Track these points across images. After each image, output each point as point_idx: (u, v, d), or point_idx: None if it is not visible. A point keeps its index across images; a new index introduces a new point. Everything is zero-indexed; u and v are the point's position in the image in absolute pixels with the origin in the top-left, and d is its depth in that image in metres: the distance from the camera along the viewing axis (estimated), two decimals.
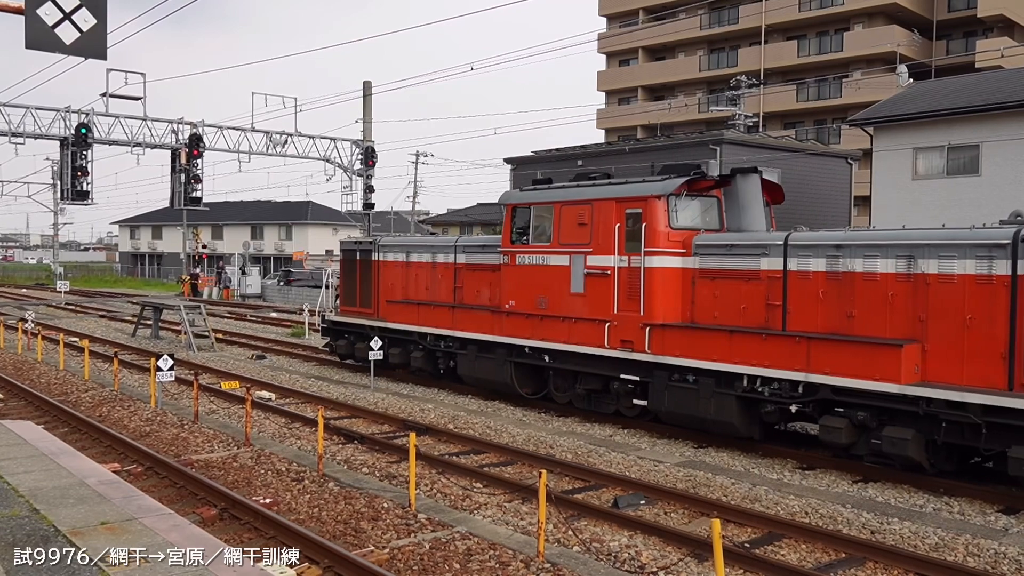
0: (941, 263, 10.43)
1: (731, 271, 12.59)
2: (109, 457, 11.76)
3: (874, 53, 50.08)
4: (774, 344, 11.59)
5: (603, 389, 14.40)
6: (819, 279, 11.60)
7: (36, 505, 7.44)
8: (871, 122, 27.41)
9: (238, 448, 12.29)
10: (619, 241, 13.52)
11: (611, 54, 64.42)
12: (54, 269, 70.31)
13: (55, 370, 20.08)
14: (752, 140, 33.20)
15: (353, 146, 35.07)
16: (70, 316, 35.95)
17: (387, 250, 19.18)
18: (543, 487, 7.77)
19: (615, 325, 13.58)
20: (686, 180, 13.18)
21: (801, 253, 11.82)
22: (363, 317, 19.31)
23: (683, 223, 13.21)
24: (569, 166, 35.51)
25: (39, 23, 8.60)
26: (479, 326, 16.11)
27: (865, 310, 11.11)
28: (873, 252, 11.11)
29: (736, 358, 11.93)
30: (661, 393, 13.02)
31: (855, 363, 10.72)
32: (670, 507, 9.85)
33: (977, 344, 10.10)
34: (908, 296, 10.73)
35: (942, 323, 10.39)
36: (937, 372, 10.39)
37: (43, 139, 29.10)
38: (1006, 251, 9.90)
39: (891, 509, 9.75)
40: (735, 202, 13.57)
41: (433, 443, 12.97)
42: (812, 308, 11.67)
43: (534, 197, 15.22)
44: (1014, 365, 9.75)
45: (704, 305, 12.90)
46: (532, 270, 15.03)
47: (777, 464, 11.78)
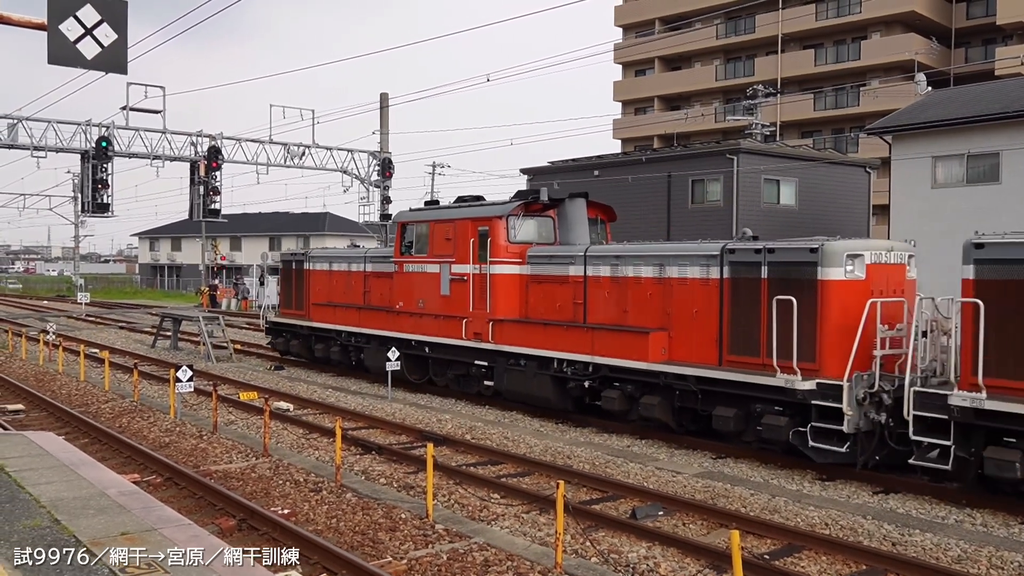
0: (679, 269, 13.52)
1: (551, 276, 15.83)
2: (129, 468, 11.85)
3: (892, 61, 49.90)
4: (574, 334, 14.80)
5: (466, 374, 17.43)
6: (606, 283, 14.76)
7: (57, 516, 7.50)
8: (889, 130, 27.28)
9: (256, 459, 12.34)
10: (473, 253, 16.71)
11: (627, 64, 64.52)
12: (75, 281, 70.84)
13: (76, 381, 20.25)
14: (769, 149, 33.09)
15: (370, 157, 35.28)
16: (90, 327, 36.28)
17: (315, 261, 22.71)
18: (561, 498, 7.75)
19: (470, 321, 16.79)
20: (522, 203, 16.42)
21: (595, 262, 14.94)
22: (297, 318, 22.95)
23: (520, 238, 16.40)
24: (585, 176, 35.54)
25: (61, 39, 8.71)
26: (379, 324, 19.38)
27: (634, 307, 14.20)
28: (639, 262, 14.24)
29: (550, 345, 15.14)
30: (503, 375, 16.25)
31: (623, 347, 13.90)
32: (688, 518, 9.80)
33: (701, 331, 13.07)
34: (660, 295, 13.78)
35: (681, 316, 13.43)
36: (679, 353, 13.39)
37: (64, 152, 29.45)
38: (717, 260, 12.86)
39: (913, 520, 9.65)
40: (565, 221, 16.64)
41: (451, 454, 12.97)
42: (603, 305, 14.81)
43: (417, 216, 18.54)
44: (722, 346, 12.72)
45: (534, 304, 16.13)
46: (415, 276, 18.36)
47: (796, 475, 11.70)
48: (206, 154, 30.80)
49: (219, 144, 31.24)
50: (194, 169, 31.14)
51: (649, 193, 33.10)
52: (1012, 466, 9.57)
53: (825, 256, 11.57)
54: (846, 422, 10.90)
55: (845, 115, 52.99)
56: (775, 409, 11.88)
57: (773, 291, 11.91)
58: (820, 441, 11.25)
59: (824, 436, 11.23)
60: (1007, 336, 9.63)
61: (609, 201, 18.42)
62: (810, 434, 11.33)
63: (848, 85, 51.86)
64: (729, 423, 12.37)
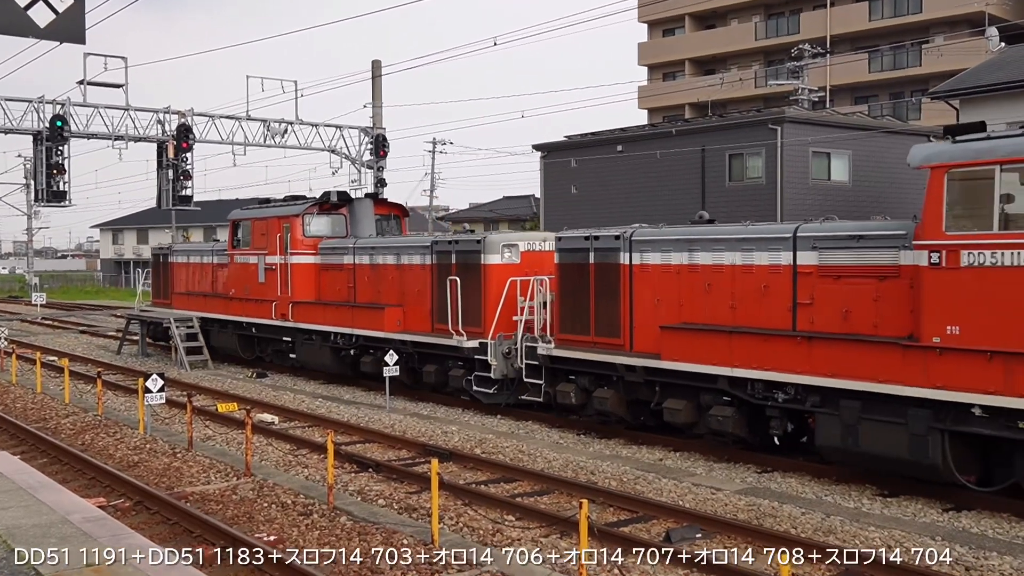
0: (408, 258, 19.24)
1: (334, 265, 21.50)
2: (94, 491, 11.93)
3: (958, 14, 49.51)
4: (343, 312, 20.55)
5: (281, 350, 23.13)
6: (367, 269, 20.39)
7: (14, 545, 7.56)
8: (956, 94, 27.12)
9: (238, 479, 12.41)
10: (280, 245, 22.24)
11: (653, 23, 64.32)
12: (28, 280, 71.42)
13: (31, 393, 20.40)
14: (817, 118, 32.94)
15: (361, 134, 35.35)
16: (47, 332, 36.52)
17: (177, 254, 28.67)
18: (584, 519, 7.76)
19: (278, 303, 22.32)
20: (314, 203, 22.18)
21: (360, 252, 20.68)
22: (163, 307, 28.23)
23: (314, 232, 21.98)
24: (607, 152, 35.52)
25: (10, 5, 8.75)
26: (220, 309, 24.92)
27: (385, 288, 19.75)
28: (385, 252, 19.99)
29: (331, 322, 20.71)
30: (301, 348, 21.98)
31: (371, 320, 19.53)
32: (731, 541, 9.80)
33: (421, 307, 18.63)
34: (397, 279, 19.45)
35: (410, 295, 19.02)
36: (410, 324, 18.84)
37: (14, 133, 29.61)
38: (429, 251, 18.54)
39: (988, 541, 9.63)
40: (355, 218, 22.16)
41: (458, 470, 13.01)
42: (368, 288, 20.34)
43: (244, 215, 24.44)
44: (433, 318, 18.23)
45: (324, 288, 21.76)
46: (242, 267, 24.01)
47: (854, 491, 11.69)
48: (175, 133, 30.91)
49: (190, 122, 31.35)
50: (162, 151, 31.27)
51: (680, 170, 33.01)
52: (569, 395, 15.26)
53: (487, 246, 17.34)
54: (492, 370, 16.54)
55: (905, 77, 52.64)
56: (458, 364, 17.57)
57: (457, 273, 17.56)
58: (481, 386, 16.93)
59: (483, 382, 16.84)
60: (570, 303, 15.36)
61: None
62: (473, 381, 17.07)
63: (908, 42, 51.51)
64: (432, 377, 18.16)
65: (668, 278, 14.00)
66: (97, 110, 30.22)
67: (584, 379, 15.18)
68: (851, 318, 11.67)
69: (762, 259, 12.76)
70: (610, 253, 14.75)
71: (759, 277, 12.77)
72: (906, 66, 52.74)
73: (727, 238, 13.33)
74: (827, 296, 11.97)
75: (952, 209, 10.47)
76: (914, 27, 52.01)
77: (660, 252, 14.18)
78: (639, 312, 14.38)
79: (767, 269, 12.70)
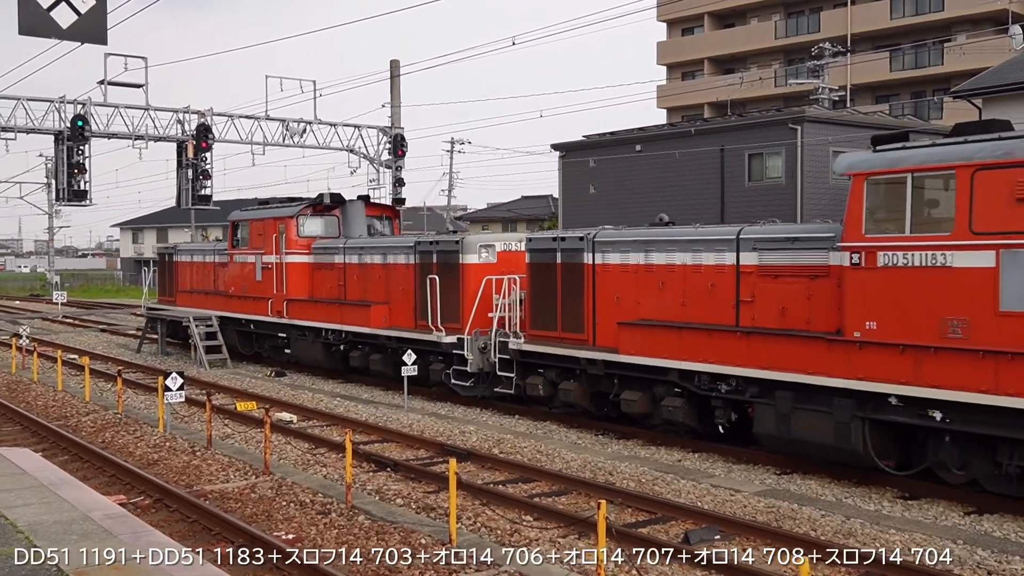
0: (393, 257, 20.22)
1: (326, 264, 22.56)
2: (114, 488, 12.03)
3: (981, 12, 49.10)
4: (334, 309, 21.41)
5: (277, 346, 23.89)
6: (356, 268, 21.39)
7: (36, 542, 7.63)
8: (979, 93, 26.90)
9: (256, 477, 12.48)
10: (276, 245, 23.36)
11: (673, 22, 64.15)
12: (49, 278, 71.94)
13: (53, 391, 20.57)
14: (838, 118, 32.76)
15: (380, 134, 35.42)
16: (68, 330, 36.82)
17: (180, 253, 29.65)
18: (602, 520, 7.76)
19: (274, 301, 23.33)
20: (308, 205, 23.30)
21: (350, 252, 21.72)
22: (168, 304, 29.43)
23: (308, 233, 23.11)
24: (626, 151, 35.47)
25: (34, 6, 8.83)
26: (220, 306, 26.03)
27: (370, 286, 20.79)
28: (373, 251, 21.07)
29: (323, 319, 21.58)
30: (295, 344, 22.78)
31: (358, 317, 20.40)
32: (749, 542, 9.78)
33: (406, 305, 19.53)
34: (383, 277, 20.41)
35: (396, 293, 19.95)
36: (395, 321, 19.76)
37: (36, 133, 29.82)
38: (412, 251, 19.53)
39: (1011, 546, 9.56)
40: (347, 218, 23.19)
41: (476, 470, 13.03)
42: (357, 286, 21.23)
43: (243, 216, 25.44)
44: (416, 315, 19.12)
45: (317, 286, 22.81)
46: (241, 266, 25.14)
47: (875, 493, 11.63)
48: (194, 133, 31.07)
49: (209, 121, 31.50)
50: (181, 150, 31.43)
51: (699, 170, 32.91)
52: (537, 387, 16.06)
53: (465, 246, 18.22)
54: (469, 364, 17.28)
55: (927, 76, 52.25)
56: (438, 358, 18.35)
57: (437, 272, 18.43)
58: (458, 379, 17.76)
59: (461, 376, 17.63)
60: (540, 301, 16.19)
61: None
62: (452, 374, 17.90)
63: (930, 41, 51.14)
64: (414, 370, 18.09)
65: (626, 277, 14.86)
66: (117, 110, 30.42)
67: (551, 372, 16.01)
68: (787, 315, 12.54)
69: (709, 259, 13.63)
70: (575, 253, 15.60)
71: (707, 276, 13.68)
72: (928, 65, 52.34)
73: (679, 240, 14.21)
74: (766, 294, 12.87)
75: (871, 214, 11.34)
76: (936, 25, 51.63)
77: (620, 253, 14.99)
78: (601, 309, 15.22)
79: (714, 269, 13.55)
